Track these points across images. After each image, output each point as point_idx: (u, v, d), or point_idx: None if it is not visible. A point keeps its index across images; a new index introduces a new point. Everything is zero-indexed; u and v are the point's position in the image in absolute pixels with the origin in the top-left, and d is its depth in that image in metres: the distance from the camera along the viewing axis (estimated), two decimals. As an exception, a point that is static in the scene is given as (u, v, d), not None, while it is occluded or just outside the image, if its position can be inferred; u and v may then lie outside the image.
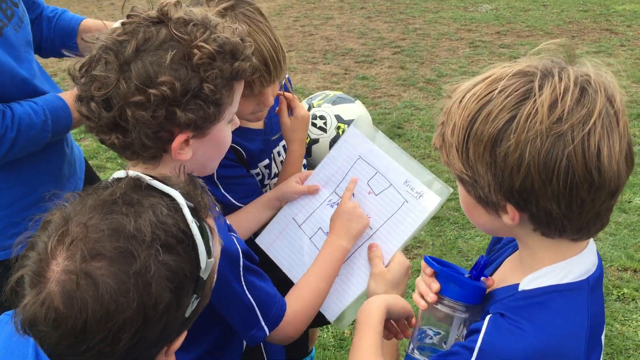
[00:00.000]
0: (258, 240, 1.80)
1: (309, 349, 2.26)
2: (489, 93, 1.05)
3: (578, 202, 1.03)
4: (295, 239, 1.75)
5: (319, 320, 2.21)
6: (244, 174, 1.81)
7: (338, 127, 1.95)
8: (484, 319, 1.15)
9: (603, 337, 1.22)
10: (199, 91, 1.19)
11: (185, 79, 1.17)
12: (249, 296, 1.43)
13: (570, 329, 1.10)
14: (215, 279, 1.10)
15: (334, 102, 2.06)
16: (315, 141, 1.99)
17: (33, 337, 0.90)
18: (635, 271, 3.59)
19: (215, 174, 1.73)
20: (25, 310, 0.87)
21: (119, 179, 1.00)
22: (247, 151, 1.80)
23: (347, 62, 7.46)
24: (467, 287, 1.23)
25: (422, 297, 1.28)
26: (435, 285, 1.25)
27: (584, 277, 1.15)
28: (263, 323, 1.46)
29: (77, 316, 0.86)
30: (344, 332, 3.16)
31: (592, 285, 1.15)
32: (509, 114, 1.02)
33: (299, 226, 1.76)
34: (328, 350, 3.09)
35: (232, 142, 1.72)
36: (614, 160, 1.02)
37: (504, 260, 1.36)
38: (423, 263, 1.31)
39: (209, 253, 0.98)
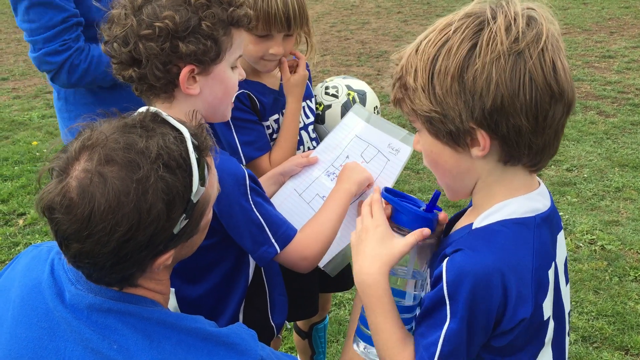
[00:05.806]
0: None
1: (317, 309, 2.37)
2: (444, 36, 1.17)
3: (543, 114, 1.15)
4: (295, 205, 1.95)
5: (331, 285, 2.36)
6: (255, 120, 2.04)
7: (348, 94, 2.15)
8: (442, 262, 1.24)
9: (551, 273, 1.29)
10: (197, 27, 1.42)
11: (185, 17, 1.41)
12: (257, 214, 1.56)
13: (516, 254, 1.22)
14: (209, 214, 1.28)
15: (344, 78, 2.32)
16: (328, 107, 2.20)
17: (49, 223, 1.10)
18: (655, 254, 3.59)
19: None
20: (46, 194, 1.07)
21: (141, 112, 1.23)
22: (261, 102, 2.06)
23: (380, 63, 7.60)
24: (409, 214, 1.35)
25: None
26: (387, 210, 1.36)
27: (531, 215, 1.26)
28: (273, 240, 1.58)
29: (85, 205, 1.04)
30: (360, 310, 3.27)
31: (539, 223, 1.26)
32: (470, 43, 1.14)
33: (299, 195, 1.97)
34: (343, 325, 3.22)
35: (248, 92, 2.03)
36: (567, 74, 1.17)
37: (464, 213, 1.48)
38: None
39: (202, 181, 1.16)
